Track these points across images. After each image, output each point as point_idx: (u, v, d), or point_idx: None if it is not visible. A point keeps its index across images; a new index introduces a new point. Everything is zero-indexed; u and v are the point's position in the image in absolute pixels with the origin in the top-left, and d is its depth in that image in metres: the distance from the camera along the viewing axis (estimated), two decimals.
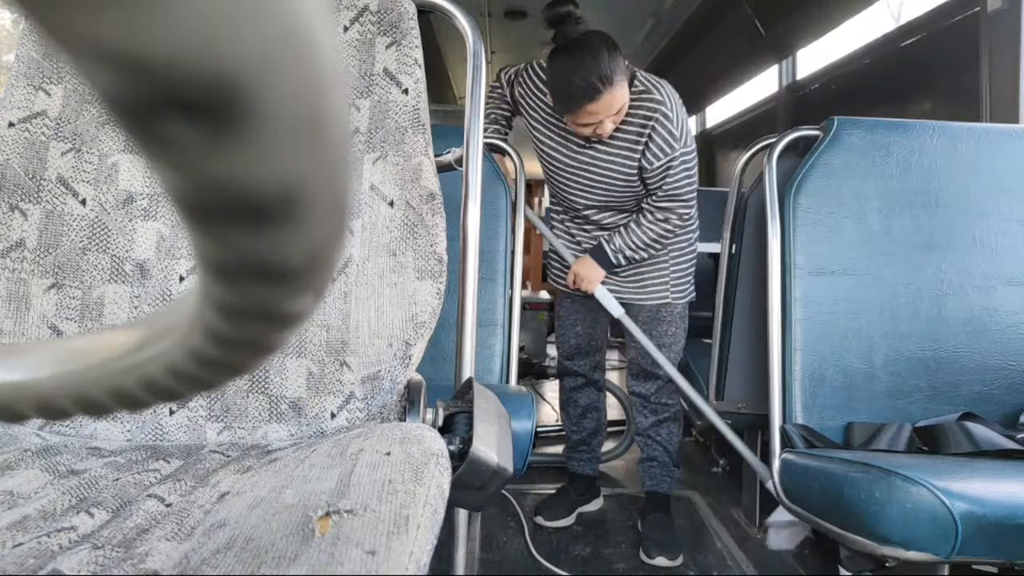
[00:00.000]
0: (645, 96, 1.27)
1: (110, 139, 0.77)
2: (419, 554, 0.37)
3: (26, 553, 0.41)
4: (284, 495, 0.45)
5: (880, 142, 1.24)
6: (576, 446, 1.61)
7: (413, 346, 0.73)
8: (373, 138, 0.78)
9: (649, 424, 1.51)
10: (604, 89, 1.17)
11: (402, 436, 0.52)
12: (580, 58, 1.16)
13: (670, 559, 1.35)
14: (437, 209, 0.76)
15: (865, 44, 2.08)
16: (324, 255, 0.16)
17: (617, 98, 1.21)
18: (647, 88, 1.28)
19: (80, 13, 0.10)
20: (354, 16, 0.81)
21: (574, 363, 1.57)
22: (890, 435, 1.09)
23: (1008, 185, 1.23)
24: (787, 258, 1.22)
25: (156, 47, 0.10)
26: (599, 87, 1.17)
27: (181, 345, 0.19)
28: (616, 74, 1.17)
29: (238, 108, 0.11)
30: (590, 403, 1.59)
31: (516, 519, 1.53)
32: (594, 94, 1.18)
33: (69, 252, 0.73)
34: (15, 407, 0.23)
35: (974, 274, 1.20)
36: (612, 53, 1.17)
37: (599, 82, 1.17)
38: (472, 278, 0.82)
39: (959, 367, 1.17)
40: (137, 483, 0.53)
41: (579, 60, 1.16)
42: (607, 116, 1.23)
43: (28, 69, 0.76)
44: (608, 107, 1.21)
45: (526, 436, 0.88)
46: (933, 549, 0.76)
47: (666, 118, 1.27)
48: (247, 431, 0.71)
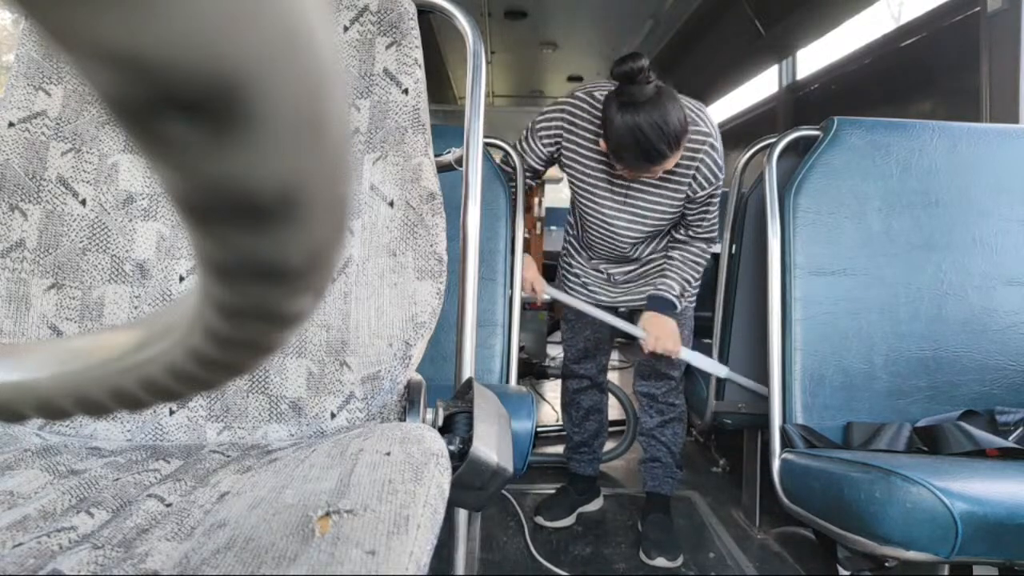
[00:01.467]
0: (692, 129, 1.23)
1: (110, 139, 0.77)
2: (419, 554, 0.37)
3: (26, 553, 0.41)
4: (284, 495, 0.45)
5: (880, 142, 1.24)
6: (577, 447, 1.61)
7: (413, 346, 0.73)
8: (373, 138, 0.78)
9: (655, 424, 1.51)
10: (670, 154, 1.15)
11: (402, 436, 0.52)
12: (651, 122, 1.12)
13: (670, 560, 1.35)
14: (437, 209, 0.76)
15: (865, 44, 2.08)
16: (324, 255, 0.16)
17: (677, 157, 1.19)
18: (693, 119, 1.23)
19: (80, 13, 0.10)
20: (354, 16, 0.81)
21: (580, 366, 1.57)
22: (890, 435, 1.09)
23: (1008, 185, 1.23)
24: (787, 258, 1.22)
25: (156, 47, 0.10)
26: (666, 152, 1.15)
27: (181, 345, 0.19)
28: (682, 137, 1.15)
29: (238, 108, 0.11)
30: (593, 405, 1.60)
31: (516, 519, 1.53)
32: (660, 160, 1.16)
33: (69, 252, 0.73)
34: (15, 407, 0.23)
35: (974, 274, 1.20)
36: (680, 113, 1.14)
37: (667, 148, 1.14)
38: (472, 278, 0.82)
39: (959, 367, 1.17)
40: (137, 483, 0.53)
41: (650, 124, 1.12)
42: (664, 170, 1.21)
43: (28, 69, 0.76)
44: (668, 165, 1.19)
45: (526, 436, 0.88)
46: (933, 549, 0.76)
47: (713, 149, 1.25)
48: (247, 431, 0.71)
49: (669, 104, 1.13)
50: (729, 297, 1.47)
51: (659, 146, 1.13)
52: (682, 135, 1.15)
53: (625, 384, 1.71)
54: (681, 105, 1.16)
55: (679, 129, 1.14)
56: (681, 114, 1.14)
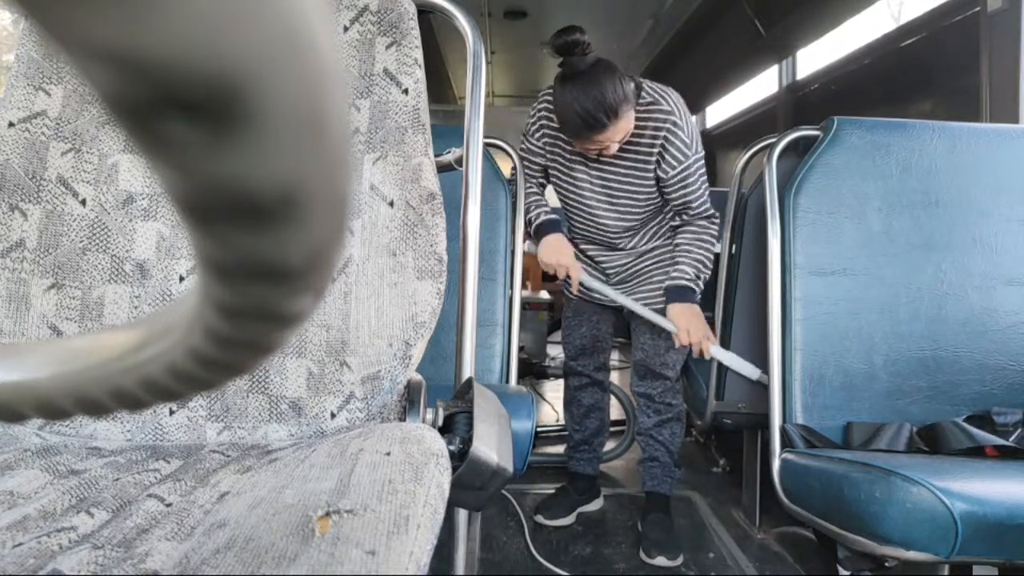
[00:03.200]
0: (653, 108, 1.27)
1: (110, 139, 0.77)
2: (419, 554, 0.37)
3: (26, 553, 0.41)
4: (284, 495, 0.45)
5: (880, 142, 1.24)
6: (578, 445, 1.61)
7: (413, 346, 0.73)
8: (373, 138, 0.78)
9: (652, 424, 1.51)
10: (609, 122, 1.18)
11: (402, 436, 0.52)
12: (586, 90, 1.16)
13: (670, 559, 1.35)
14: (437, 209, 0.76)
15: (865, 44, 2.08)
16: (324, 255, 0.16)
17: (621, 127, 1.22)
18: (655, 99, 1.28)
19: (80, 13, 0.10)
20: (354, 16, 0.81)
21: (579, 363, 1.58)
22: (890, 435, 1.09)
23: (1008, 185, 1.23)
24: (787, 258, 1.22)
25: (156, 47, 0.10)
26: (604, 121, 1.18)
27: (181, 345, 0.19)
28: (621, 106, 1.18)
29: (238, 108, 0.11)
30: (594, 403, 1.60)
31: (516, 519, 1.53)
32: (599, 127, 1.19)
33: (69, 252, 0.73)
34: (15, 407, 0.23)
35: (974, 274, 1.20)
36: (617, 84, 1.17)
37: (604, 115, 1.17)
38: (472, 278, 0.82)
39: (959, 367, 1.17)
40: (137, 483, 0.53)
41: (585, 92, 1.17)
42: (612, 142, 1.24)
43: (28, 69, 0.76)
44: (613, 136, 1.22)
45: (526, 436, 0.88)
46: (933, 549, 0.76)
47: (676, 127, 1.27)
48: (247, 431, 0.71)
49: (605, 75, 1.17)
50: (729, 297, 1.47)
51: (596, 115, 1.17)
52: (621, 104, 1.18)
53: (625, 384, 1.71)
54: (620, 77, 1.18)
55: (616, 98, 1.17)
56: (619, 86, 1.17)
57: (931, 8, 1.74)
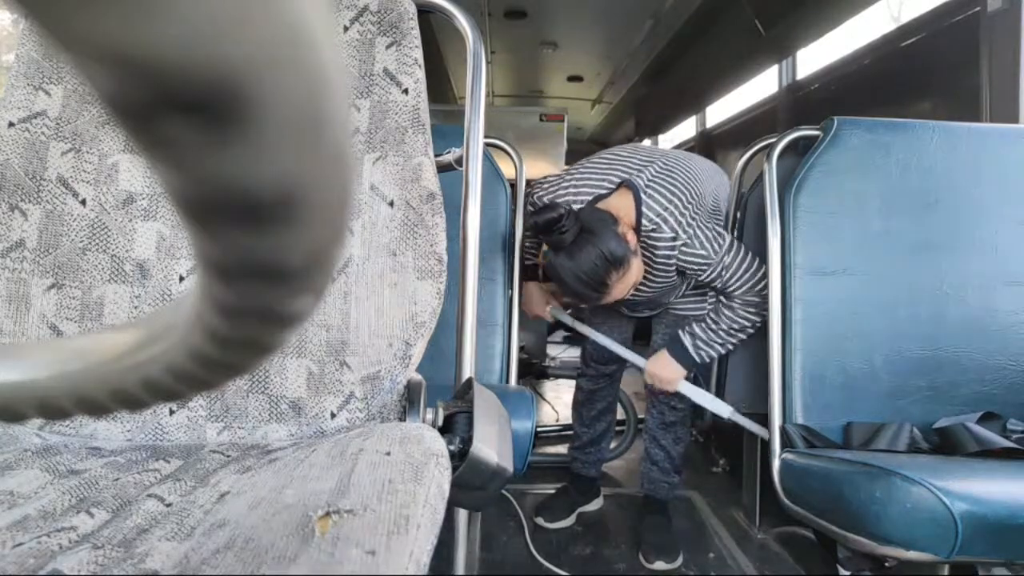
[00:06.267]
0: (655, 235, 1.21)
1: (110, 139, 0.77)
2: (419, 554, 0.37)
3: (26, 553, 0.41)
4: (284, 495, 0.45)
5: (880, 142, 1.24)
6: (584, 447, 1.61)
7: (413, 346, 0.73)
8: (373, 138, 0.78)
9: (657, 424, 1.51)
10: (611, 283, 1.16)
11: (402, 436, 0.52)
12: (578, 263, 1.15)
13: (668, 562, 1.35)
14: (437, 209, 0.76)
15: (865, 44, 2.08)
16: (324, 255, 0.16)
17: (628, 280, 1.18)
18: (656, 225, 1.21)
19: (80, 13, 0.10)
20: (354, 16, 0.81)
21: (597, 367, 1.58)
22: (890, 435, 1.09)
23: (1008, 185, 1.22)
24: (787, 258, 1.22)
25: (156, 47, 0.10)
26: (591, 295, 1.18)
27: (181, 345, 0.19)
28: (615, 270, 1.15)
29: (238, 108, 0.11)
30: (607, 406, 1.61)
31: (516, 519, 1.53)
32: (603, 292, 1.18)
33: (69, 252, 0.73)
34: (15, 407, 0.23)
35: (974, 274, 1.20)
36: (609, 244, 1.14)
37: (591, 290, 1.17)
38: (472, 278, 0.82)
39: (959, 367, 1.17)
40: (137, 483, 0.53)
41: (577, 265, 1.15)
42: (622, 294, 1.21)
43: (28, 69, 0.76)
44: (621, 290, 1.19)
45: (526, 436, 0.88)
46: (933, 549, 0.76)
47: (687, 246, 1.22)
48: (247, 431, 0.71)
49: (586, 250, 1.14)
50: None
51: (583, 290, 1.17)
52: (608, 272, 1.15)
53: (625, 384, 1.70)
54: (605, 244, 1.14)
55: (611, 263, 1.14)
56: (613, 245, 1.14)
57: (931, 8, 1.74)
